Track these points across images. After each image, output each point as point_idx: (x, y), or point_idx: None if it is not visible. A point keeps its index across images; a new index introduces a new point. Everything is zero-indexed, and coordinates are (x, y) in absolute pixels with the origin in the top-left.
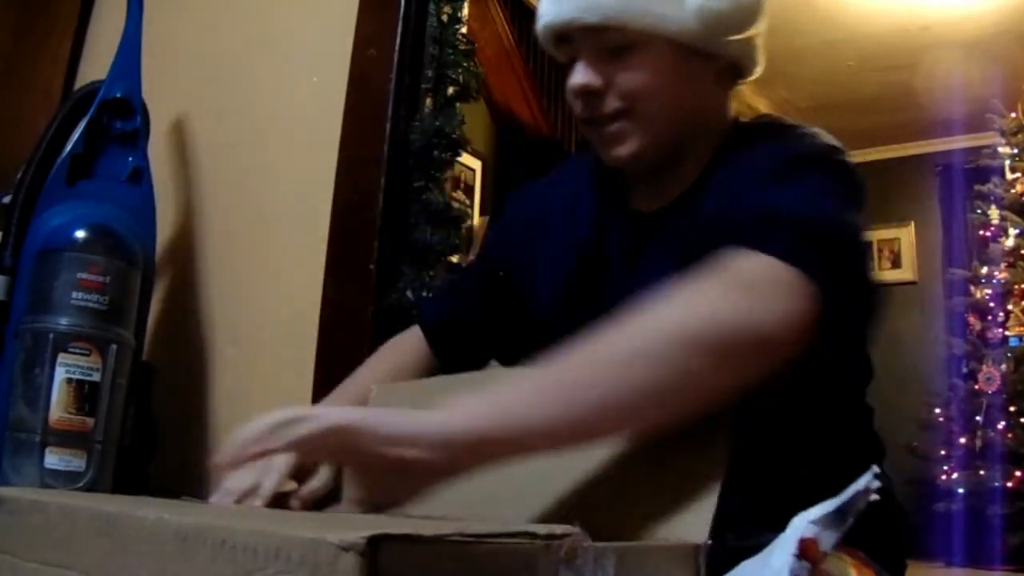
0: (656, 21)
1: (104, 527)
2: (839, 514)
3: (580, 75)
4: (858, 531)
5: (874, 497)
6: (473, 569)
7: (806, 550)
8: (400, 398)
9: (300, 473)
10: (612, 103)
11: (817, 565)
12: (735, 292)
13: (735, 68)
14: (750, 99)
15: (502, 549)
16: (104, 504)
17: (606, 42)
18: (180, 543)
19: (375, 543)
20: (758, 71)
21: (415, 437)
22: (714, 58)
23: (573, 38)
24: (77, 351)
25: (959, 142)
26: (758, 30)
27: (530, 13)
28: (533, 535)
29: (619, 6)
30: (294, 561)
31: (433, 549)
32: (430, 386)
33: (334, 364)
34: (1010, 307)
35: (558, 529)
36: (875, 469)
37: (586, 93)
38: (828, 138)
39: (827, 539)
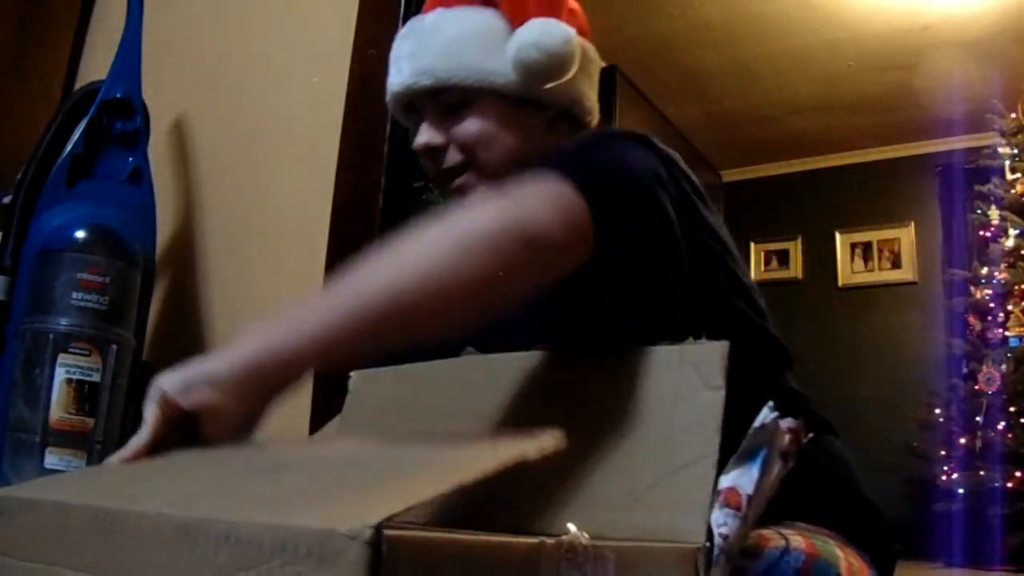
0: (484, 77)
1: (101, 524)
2: (746, 454)
3: (422, 135)
4: (823, 511)
5: (808, 436)
6: (477, 563)
7: (728, 499)
8: (382, 384)
9: None
10: (453, 157)
11: (742, 510)
12: (504, 199)
13: (568, 117)
14: (751, 99)
15: (506, 545)
16: (102, 500)
17: (444, 102)
18: (182, 537)
19: (380, 535)
20: (592, 120)
21: (203, 379)
22: (542, 107)
23: (417, 104)
24: (77, 351)
25: (959, 142)
26: (571, 75)
27: None
28: (536, 533)
29: (450, 67)
30: (300, 553)
31: (439, 542)
32: (412, 373)
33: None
34: (1010, 307)
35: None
36: (769, 404)
37: (429, 150)
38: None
39: (746, 481)
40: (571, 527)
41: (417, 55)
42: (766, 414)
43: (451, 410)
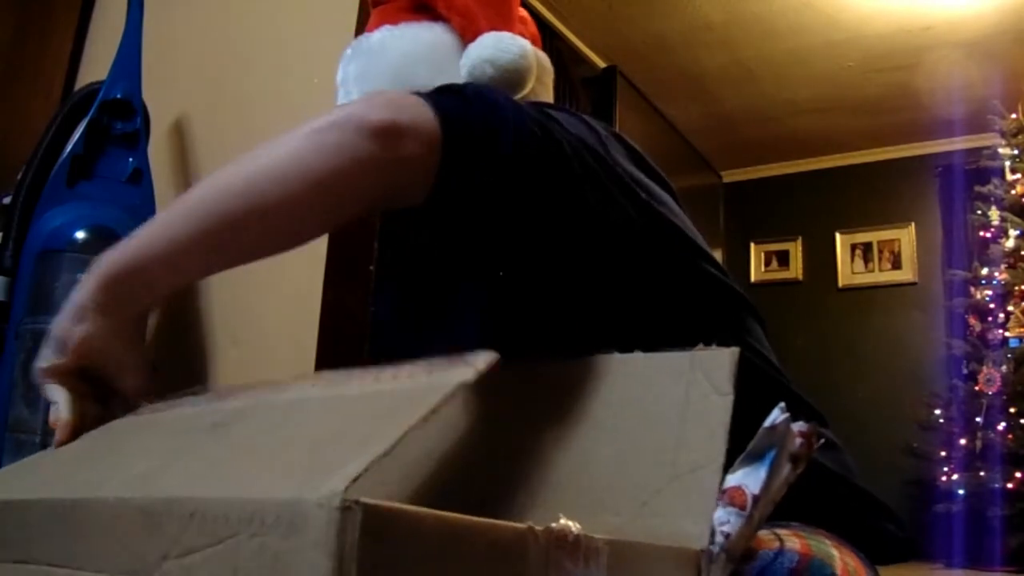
0: None
1: (62, 515)
2: (753, 455)
3: None
4: (818, 508)
5: (820, 442)
6: (461, 542)
7: (733, 498)
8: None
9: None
10: None
11: (746, 510)
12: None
13: None
14: (751, 100)
15: (492, 527)
16: (59, 491)
17: None
18: (146, 519)
19: (353, 502)
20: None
21: (70, 321)
22: None
23: None
24: None
25: (959, 143)
26: (528, 89)
27: (530, 14)
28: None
29: (401, 87)
30: (268, 523)
31: (417, 515)
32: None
33: (334, 364)
34: (1010, 308)
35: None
36: (781, 405)
37: None
38: None
39: (752, 481)
40: (562, 518)
41: (366, 77)
42: (776, 415)
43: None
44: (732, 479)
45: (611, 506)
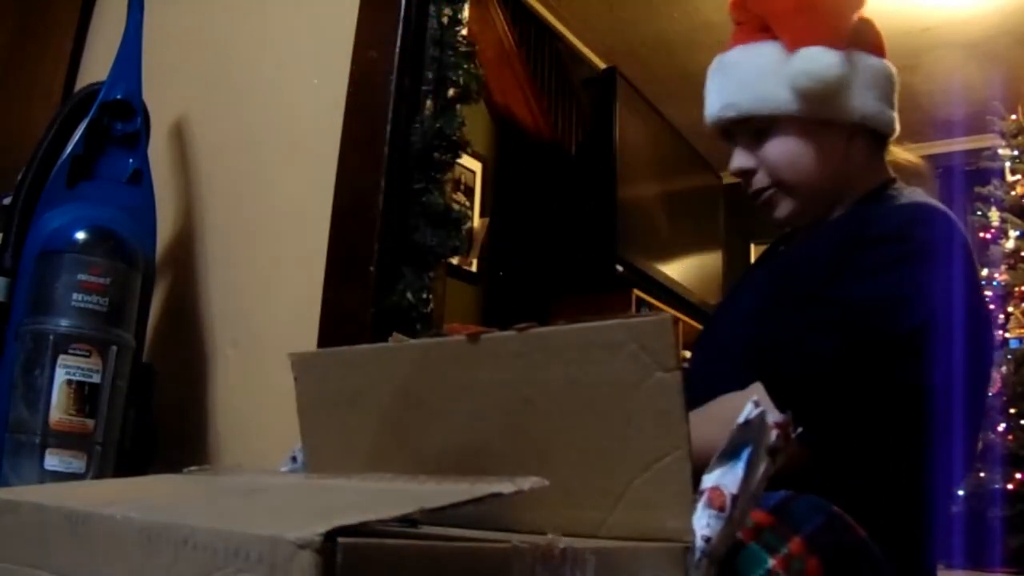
0: (775, 107)
1: (74, 527)
2: (728, 453)
3: (735, 160)
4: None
5: (797, 430)
6: (445, 570)
7: (711, 500)
8: (326, 375)
9: None
10: (762, 179)
11: (726, 511)
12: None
13: (864, 130)
14: None
15: (476, 550)
16: (75, 503)
17: (750, 128)
18: (146, 542)
19: (332, 541)
20: (891, 129)
21: None
22: (835, 125)
23: (729, 131)
24: (77, 352)
25: (959, 144)
26: (848, 94)
27: (530, 15)
28: (506, 538)
29: (746, 99)
30: (252, 560)
31: (398, 548)
32: (353, 359)
33: None
34: (1010, 309)
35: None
36: (754, 399)
37: (741, 173)
38: (922, 212)
39: (730, 481)
40: (548, 533)
41: (721, 90)
42: (750, 410)
43: (402, 405)
44: (709, 479)
45: (587, 502)
